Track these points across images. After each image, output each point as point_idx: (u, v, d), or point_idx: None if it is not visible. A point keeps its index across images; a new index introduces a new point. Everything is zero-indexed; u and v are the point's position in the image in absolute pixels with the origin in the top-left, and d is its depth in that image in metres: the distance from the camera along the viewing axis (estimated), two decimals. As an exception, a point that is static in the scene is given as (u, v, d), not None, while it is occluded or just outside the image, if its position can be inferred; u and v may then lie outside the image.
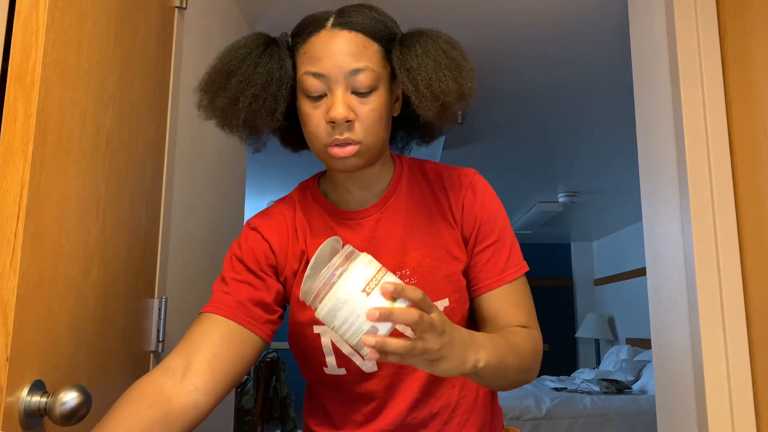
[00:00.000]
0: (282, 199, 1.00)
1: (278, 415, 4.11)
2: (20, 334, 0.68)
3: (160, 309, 1.15)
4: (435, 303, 0.89)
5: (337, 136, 0.82)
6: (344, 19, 0.84)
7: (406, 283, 0.85)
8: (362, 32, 0.84)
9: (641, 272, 5.28)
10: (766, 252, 1.22)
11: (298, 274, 0.93)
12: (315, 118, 0.84)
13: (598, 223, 5.53)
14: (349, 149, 0.83)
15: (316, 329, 0.91)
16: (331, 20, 0.85)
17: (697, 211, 1.32)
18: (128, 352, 1.01)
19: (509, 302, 0.91)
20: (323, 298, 0.66)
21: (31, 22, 0.73)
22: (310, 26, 0.85)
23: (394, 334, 0.82)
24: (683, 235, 1.35)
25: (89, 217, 0.86)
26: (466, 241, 0.94)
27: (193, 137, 1.37)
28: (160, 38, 1.15)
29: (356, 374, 0.92)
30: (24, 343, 0.69)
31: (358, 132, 0.83)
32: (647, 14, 1.55)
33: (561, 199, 4.49)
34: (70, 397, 0.70)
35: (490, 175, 3.92)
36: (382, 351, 0.63)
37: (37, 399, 0.70)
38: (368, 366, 0.91)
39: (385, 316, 0.63)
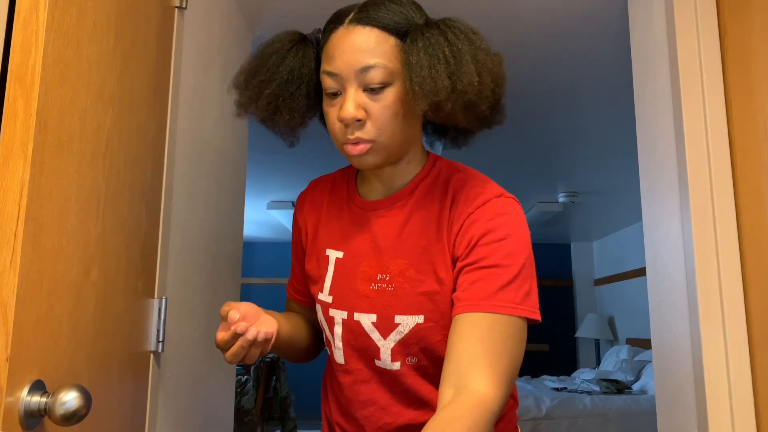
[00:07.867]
0: (329, 174, 1.06)
1: (278, 415, 4.11)
2: (20, 334, 0.68)
3: (160, 309, 1.15)
4: (407, 317, 0.87)
5: (348, 136, 0.84)
6: (362, 15, 0.83)
7: (382, 288, 0.89)
8: (378, 27, 0.83)
9: (641, 272, 5.27)
10: (766, 252, 1.22)
11: (309, 240, 1.02)
12: (332, 116, 0.86)
13: (598, 223, 5.53)
14: (361, 147, 0.84)
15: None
16: (351, 15, 0.84)
17: (697, 211, 1.32)
18: (128, 352, 1.01)
19: (475, 335, 0.77)
20: None
21: (31, 22, 0.73)
22: (332, 22, 0.87)
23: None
24: (683, 235, 1.35)
25: (89, 217, 0.86)
26: (455, 262, 0.86)
27: (193, 137, 1.37)
28: (160, 38, 1.15)
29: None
30: (24, 343, 0.69)
31: (370, 131, 0.83)
32: (647, 14, 1.55)
33: (561, 199, 4.49)
34: (70, 397, 0.70)
35: (490, 175, 3.92)
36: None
37: (37, 399, 0.70)
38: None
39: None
